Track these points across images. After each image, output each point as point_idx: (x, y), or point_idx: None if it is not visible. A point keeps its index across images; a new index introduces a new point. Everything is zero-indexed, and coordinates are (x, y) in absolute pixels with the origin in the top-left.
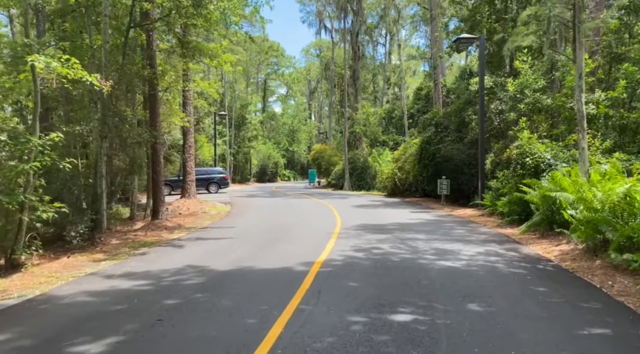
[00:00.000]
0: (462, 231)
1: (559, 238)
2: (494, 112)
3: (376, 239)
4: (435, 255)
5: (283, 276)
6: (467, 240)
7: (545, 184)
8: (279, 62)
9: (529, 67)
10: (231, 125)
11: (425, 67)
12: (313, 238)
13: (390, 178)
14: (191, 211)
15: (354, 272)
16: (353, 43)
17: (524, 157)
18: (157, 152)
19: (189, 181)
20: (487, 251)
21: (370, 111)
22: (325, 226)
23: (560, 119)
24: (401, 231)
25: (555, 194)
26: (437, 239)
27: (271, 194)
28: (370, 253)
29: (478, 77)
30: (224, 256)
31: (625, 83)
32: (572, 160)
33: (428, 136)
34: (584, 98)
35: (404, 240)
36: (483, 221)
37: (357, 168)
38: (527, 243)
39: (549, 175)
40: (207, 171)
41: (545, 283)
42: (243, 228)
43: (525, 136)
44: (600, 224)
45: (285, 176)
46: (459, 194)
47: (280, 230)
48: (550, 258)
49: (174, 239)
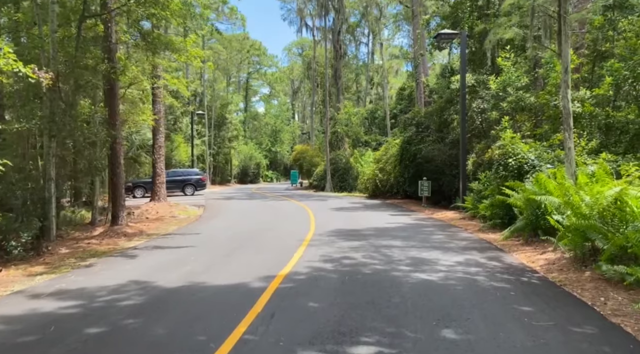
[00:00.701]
0: (441, 236)
1: (544, 245)
2: (476, 111)
3: (349, 246)
4: (411, 266)
5: (236, 295)
6: (447, 247)
7: (529, 187)
8: (261, 61)
9: (511, 65)
10: (211, 125)
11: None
12: (281, 246)
13: (371, 179)
14: (159, 215)
15: (318, 288)
16: (335, 41)
17: (506, 158)
18: (116, 152)
19: (159, 183)
20: (467, 261)
21: (352, 110)
22: (298, 232)
23: (544, 117)
24: (377, 237)
25: (540, 198)
26: (414, 247)
27: (249, 197)
28: (340, 264)
29: (459, 75)
30: (176, 269)
31: (612, 80)
32: (557, 161)
33: (409, 136)
34: (570, 94)
35: (379, 248)
36: (464, 224)
37: (339, 169)
38: (510, 251)
39: (532, 177)
40: (183, 172)
41: (531, 301)
42: (209, 235)
43: (508, 135)
44: (590, 231)
45: (268, 177)
46: (440, 195)
47: (248, 237)
48: (536, 269)
49: (130, 248)
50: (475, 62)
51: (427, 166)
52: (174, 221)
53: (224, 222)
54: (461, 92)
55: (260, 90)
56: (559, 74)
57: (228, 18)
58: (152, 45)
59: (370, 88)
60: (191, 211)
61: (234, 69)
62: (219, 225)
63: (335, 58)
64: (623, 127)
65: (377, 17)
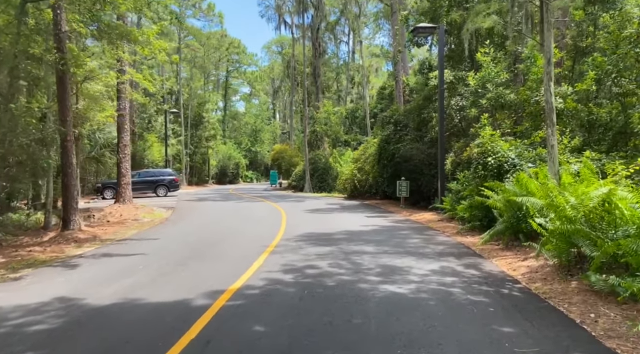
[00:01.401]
0: (417, 240)
1: (525, 250)
2: (455, 109)
3: (317, 253)
4: (381, 276)
5: (172, 316)
6: (422, 253)
7: (509, 187)
8: (241, 60)
9: (491, 60)
10: (187, 124)
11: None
12: (242, 254)
13: (349, 180)
14: (122, 218)
15: (270, 307)
16: (313, 39)
17: (485, 157)
18: (67, 151)
19: (124, 184)
20: (443, 269)
21: (331, 109)
22: (265, 237)
23: (525, 114)
24: (349, 241)
25: (522, 200)
26: (387, 253)
27: (224, 198)
28: (302, 275)
29: (437, 71)
30: (117, 282)
31: (594, 74)
32: (539, 159)
33: (387, 134)
34: (553, 88)
35: (349, 254)
36: (442, 227)
37: (318, 169)
38: (489, 257)
39: (513, 176)
40: (155, 172)
41: (512, 319)
42: (167, 240)
43: (487, 133)
44: (576, 236)
45: (248, 177)
46: (419, 196)
47: (210, 243)
48: (517, 278)
49: (75, 257)
50: (454, 59)
51: (405, 166)
52: (136, 224)
53: (189, 227)
54: (439, 89)
55: (240, 89)
56: (540, 69)
57: (205, 15)
58: (106, 35)
59: (351, 87)
60: (158, 213)
61: (211, 66)
62: (183, 229)
63: (315, 56)
64: (606, 124)
65: (356, 14)
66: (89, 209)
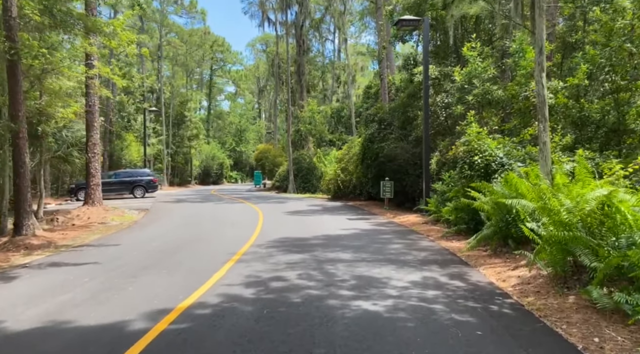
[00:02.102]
0: (399, 245)
1: (515, 257)
2: (440, 106)
3: (287, 262)
4: (355, 289)
5: (96, 345)
6: (403, 260)
7: (497, 189)
8: (225, 58)
9: (477, 55)
10: (169, 123)
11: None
12: (204, 263)
13: (333, 180)
14: (89, 222)
15: (219, 331)
16: (297, 36)
17: (472, 156)
18: (20, 149)
19: (94, 185)
20: (425, 280)
21: (315, 108)
22: (235, 242)
23: (513, 111)
24: (325, 247)
25: (511, 202)
26: (365, 260)
27: (203, 199)
28: (266, 289)
29: (422, 66)
30: (51, 298)
31: (587, 68)
32: (529, 158)
33: (370, 133)
34: (545, 80)
35: (323, 263)
36: (426, 230)
37: (302, 169)
38: (476, 265)
39: (501, 177)
40: (133, 172)
41: (504, 346)
42: (128, 247)
43: (473, 130)
44: (573, 244)
45: (232, 177)
46: (403, 197)
47: (173, 250)
48: (508, 291)
49: (18, 266)
50: (440, 56)
51: (389, 166)
52: (102, 228)
53: (157, 231)
54: (424, 85)
55: (225, 88)
56: (530, 63)
57: (188, 12)
58: (62, 23)
59: (337, 87)
60: (128, 216)
61: (194, 64)
62: (150, 234)
63: (299, 53)
64: (599, 121)
65: (341, 12)
66: (56, 212)
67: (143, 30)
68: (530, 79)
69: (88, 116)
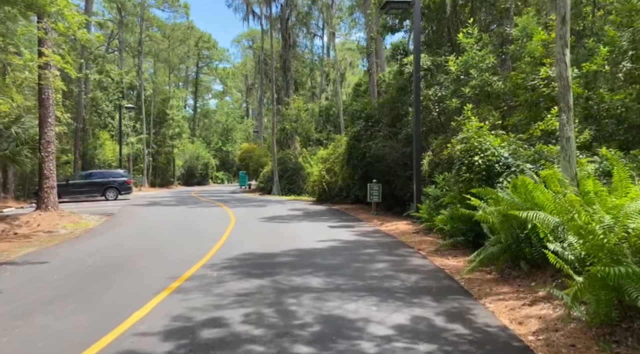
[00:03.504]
0: (384, 264)
1: (529, 284)
2: (432, 100)
3: (238, 292)
4: (316, 344)
5: None
6: (388, 289)
7: (505, 196)
8: (212, 55)
9: (475, 42)
10: (150, 121)
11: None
12: (130, 294)
13: (317, 182)
14: (37, 230)
15: None
16: (283, 30)
17: (471, 155)
18: None
19: (47, 188)
20: (415, 323)
21: (302, 105)
22: (185, 260)
23: (518, 103)
24: (294, 268)
25: (527, 216)
26: (339, 289)
27: (179, 202)
28: (190, 343)
29: (413, 55)
30: None
31: (607, 52)
32: (541, 158)
33: (357, 131)
34: (569, 58)
35: (284, 294)
36: (417, 242)
37: (288, 170)
38: (481, 295)
39: (507, 181)
40: (105, 173)
41: None
42: (54, 267)
43: (473, 125)
44: (628, 283)
45: (219, 178)
46: (393, 200)
47: (103, 273)
48: (529, 342)
49: None
50: (432, 47)
51: (377, 166)
52: (45, 239)
53: (106, 242)
54: (415, 75)
55: (213, 86)
56: (537, 47)
57: (170, 5)
58: None
59: (326, 84)
60: (84, 223)
61: (177, 60)
62: (94, 247)
63: (284, 48)
64: (621, 115)
65: (329, 4)
66: (4, 218)
67: (122, 24)
68: (537, 67)
69: (41, 111)
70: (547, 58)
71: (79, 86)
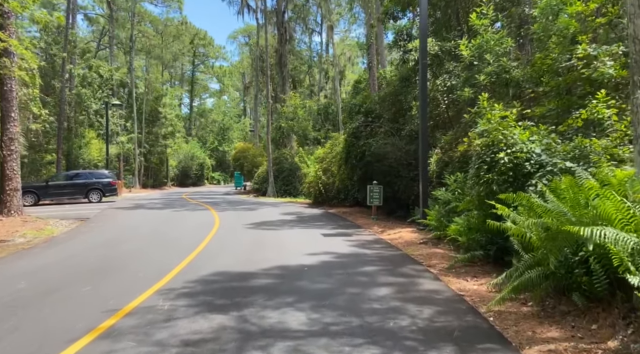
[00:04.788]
0: (387, 290)
1: (589, 327)
2: (441, 91)
3: (187, 339)
4: None
5: None
6: (393, 332)
7: (549, 204)
8: (208, 53)
9: (490, 24)
10: (142, 120)
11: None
12: (37, 342)
13: (314, 183)
14: None
15: None
16: (279, 23)
17: (494, 152)
18: None
19: (10, 190)
20: None
21: (298, 102)
22: (139, 282)
23: (545, 90)
24: (271, 295)
25: (592, 233)
26: (326, 333)
27: (166, 204)
28: None
29: (418, 40)
30: None
31: None
32: (582, 155)
33: (355, 127)
34: None
35: (249, 342)
36: (426, 255)
37: (283, 170)
38: (522, 342)
39: (543, 183)
40: (88, 174)
41: None
42: None
43: (496, 115)
44: None
45: (215, 178)
46: (395, 204)
47: (24, 304)
48: None
49: None
50: (440, 33)
51: (378, 166)
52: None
53: (61, 254)
54: (421, 62)
55: (210, 85)
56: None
57: (163, 0)
58: None
59: (325, 82)
60: (50, 229)
61: (170, 57)
62: (39, 263)
63: (280, 42)
64: None
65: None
66: None
67: (112, 19)
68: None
69: (2, 104)
70: (585, 34)
71: (61, 82)
